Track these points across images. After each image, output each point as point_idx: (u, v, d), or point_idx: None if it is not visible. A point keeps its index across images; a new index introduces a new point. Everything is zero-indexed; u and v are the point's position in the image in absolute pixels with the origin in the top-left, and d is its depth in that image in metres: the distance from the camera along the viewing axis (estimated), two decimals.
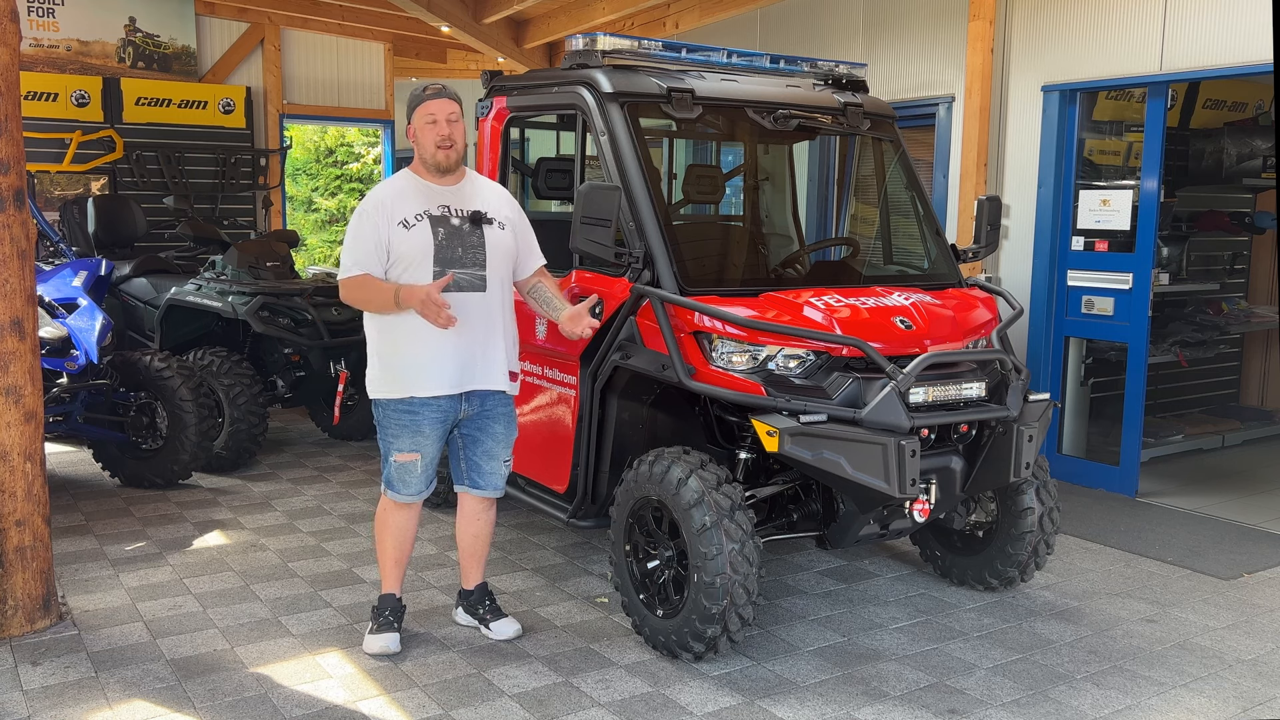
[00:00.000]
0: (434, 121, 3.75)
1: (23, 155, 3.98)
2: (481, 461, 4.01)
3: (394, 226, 3.71)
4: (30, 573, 4.08)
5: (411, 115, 3.80)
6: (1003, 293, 4.62)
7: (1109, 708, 3.66)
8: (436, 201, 3.79)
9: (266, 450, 7.10)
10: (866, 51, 7.40)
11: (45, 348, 5.52)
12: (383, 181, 3.90)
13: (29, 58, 8.55)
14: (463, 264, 3.77)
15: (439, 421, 3.86)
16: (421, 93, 3.78)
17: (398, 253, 3.72)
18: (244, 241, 7.32)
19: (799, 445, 3.65)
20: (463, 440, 4.00)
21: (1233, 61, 5.55)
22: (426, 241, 3.72)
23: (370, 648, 3.98)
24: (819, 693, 3.73)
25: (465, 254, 3.78)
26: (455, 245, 3.76)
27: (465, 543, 4.15)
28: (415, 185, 3.82)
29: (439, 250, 3.73)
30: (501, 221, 3.88)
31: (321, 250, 18.71)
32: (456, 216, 3.80)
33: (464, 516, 4.13)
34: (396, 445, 3.86)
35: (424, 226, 3.74)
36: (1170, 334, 7.34)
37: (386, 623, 4.03)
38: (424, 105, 3.76)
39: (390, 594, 4.09)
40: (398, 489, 3.93)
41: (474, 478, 4.04)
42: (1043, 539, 4.47)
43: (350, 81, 10.53)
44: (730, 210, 6.71)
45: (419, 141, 3.79)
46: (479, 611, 4.19)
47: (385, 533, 4.04)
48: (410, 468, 3.88)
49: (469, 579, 4.22)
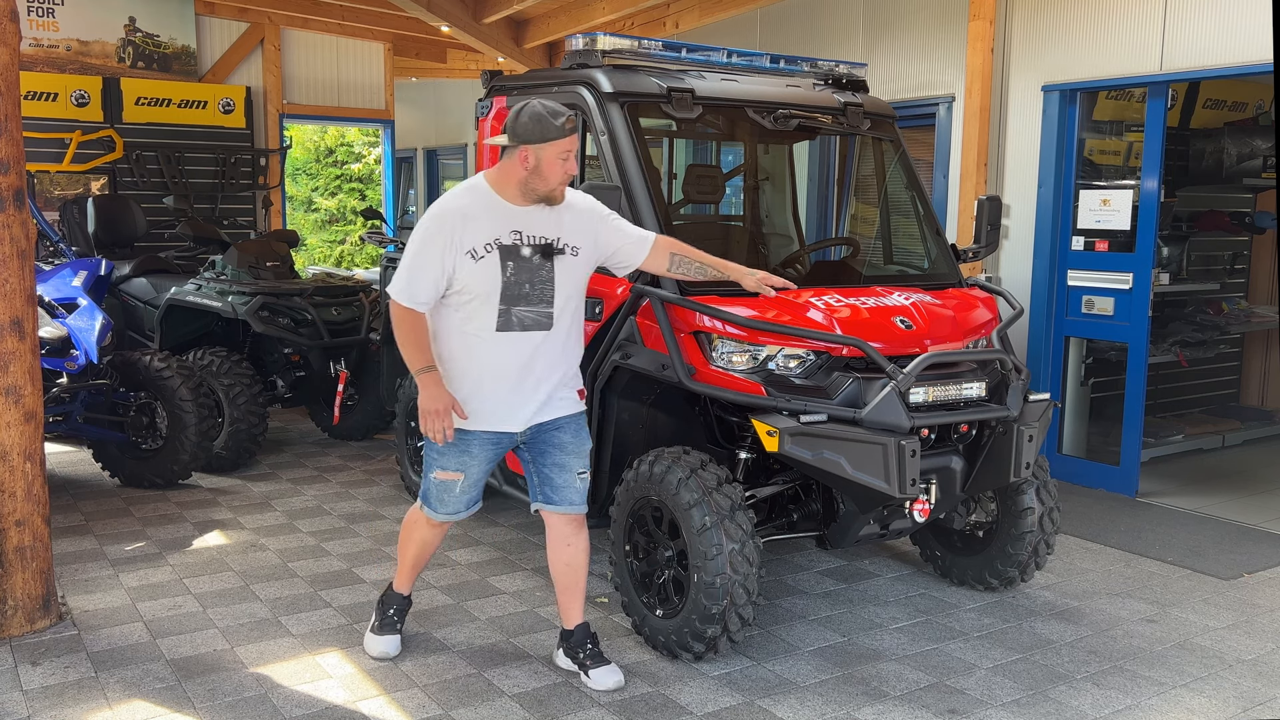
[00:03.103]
0: (567, 159, 3.42)
1: (23, 155, 3.98)
2: (553, 474, 3.67)
3: (461, 256, 3.41)
4: (30, 573, 4.08)
5: (537, 141, 3.38)
6: (1003, 293, 4.62)
7: (1109, 708, 3.66)
8: (509, 226, 3.46)
9: (266, 450, 7.10)
10: (866, 51, 7.40)
11: (45, 348, 5.52)
12: (452, 193, 3.53)
13: (29, 58, 8.55)
14: (529, 301, 3.48)
15: (491, 444, 3.62)
16: (558, 124, 3.38)
17: (462, 283, 3.44)
18: (244, 241, 7.32)
19: (799, 445, 3.65)
20: (530, 454, 3.70)
21: (1233, 61, 5.55)
22: (494, 278, 3.43)
23: (371, 649, 3.94)
24: (819, 693, 3.73)
25: (533, 290, 3.48)
26: (523, 282, 3.46)
27: (558, 572, 3.78)
28: (489, 204, 3.48)
29: (506, 288, 3.45)
30: (575, 247, 3.56)
31: (321, 250, 18.72)
32: (528, 245, 3.47)
33: (553, 542, 3.76)
34: (440, 462, 3.62)
35: (493, 260, 3.43)
36: (1170, 334, 7.34)
37: (390, 622, 3.98)
38: (562, 141, 3.39)
39: (401, 593, 4.01)
40: (434, 507, 3.71)
41: (547, 492, 3.70)
42: (1043, 539, 4.47)
43: (350, 81, 10.53)
44: (730, 210, 6.71)
45: (541, 174, 3.41)
46: (579, 656, 3.79)
47: (410, 542, 3.88)
48: (450, 487, 3.65)
49: (569, 617, 3.82)
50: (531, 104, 3.43)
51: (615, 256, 3.73)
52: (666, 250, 3.79)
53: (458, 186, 3.57)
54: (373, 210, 7.39)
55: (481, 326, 3.49)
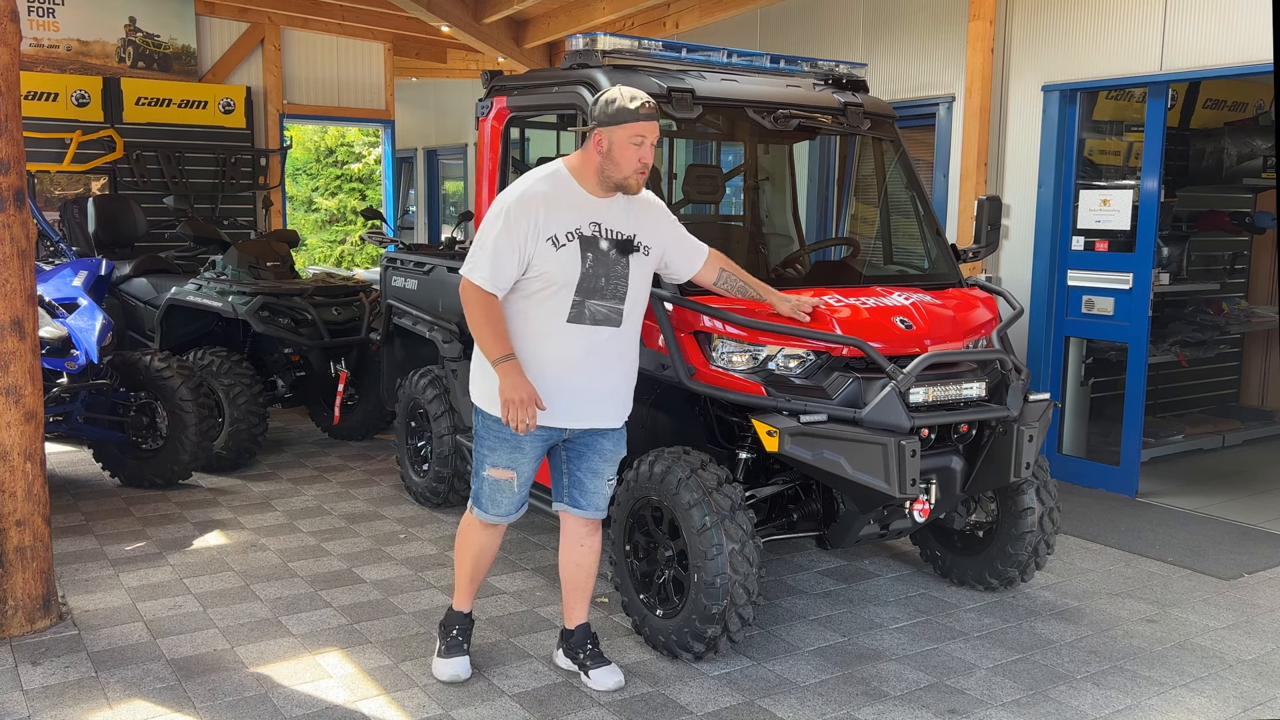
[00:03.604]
0: (641, 144, 3.35)
1: (23, 155, 3.98)
2: (585, 479, 3.64)
3: (542, 242, 3.34)
4: (30, 573, 4.08)
5: (609, 123, 3.33)
6: (1003, 293, 4.62)
7: (1109, 708, 3.66)
8: (589, 217, 3.41)
9: (266, 450, 7.10)
10: (866, 51, 7.40)
11: (45, 348, 5.52)
12: (534, 177, 3.44)
13: (29, 58, 8.55)
14: (603, 295, 3.44)
15: (542, 441, 3.57)
16: (632, 106, 3.32)
17: (540, 270, 3.36)
18: (244, 241, 7.32)
19: (799, 445, 3.65)
20: (567, 454, 3.65)
21: (1233, 61, 5.55)
22: (574, 267, 3.37)
23: (441, 673, 3.75)
24: (819, 693, 3.73)
25: (608, 285, 3.44)
26: (600, 275, 3.42)
27: (567, 572, 3.78)
28: (570, 192, 3.42)
29: (584, 279, 3.39)
30: (648, 246, 3.54)
31: (321, 250, 18.72)
32: (606, 239, 3.43)
33: (566, 542, 3.76)
34: (492, 459, 3.56)
35: (573, 249, 3.37)
36: (1170, 334, 7.35)
37: (455, 643, 3.80)
38: (636, 124, 3.31)
39: (461, 611, 3.84)
40: (486, 508, 3.63)
41: (575, 495, 3.67)
42: (1043, 539, 4.47)
43: (350, 81, 10.53)
44: (730, 210, 6.71)
45: (614, 159, 3.36)
46: (579, 656, 3.79)
47: (466, 551, 3.75)
48: (504, 486, 3.58)
49: (571, 617, 3.82)
50: (613, 89, 3.40)
51: (675, 262, 3.71)
52: (717, 265, 3.81)
53: (537, 170, 3.50)
54: (373, 210, 7.40)
55: (553, 315, 3.41)
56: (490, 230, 3.36)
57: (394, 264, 6.24)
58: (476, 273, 3.36)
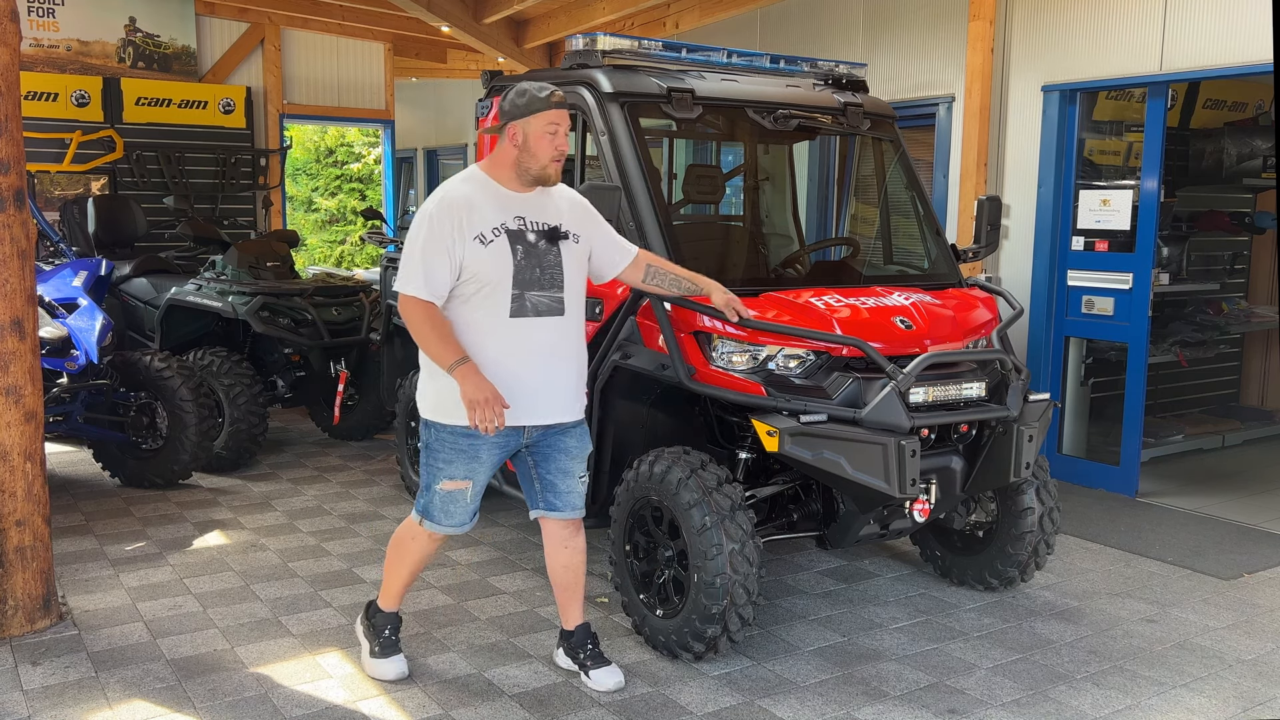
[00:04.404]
0: (555, 132, 3.39)
1: (23, 155, 3.98)
2: (556, 480, 3.63)
3: (470, 242, 3.35)
4: (30, 573, 4.08)
5: (523, 114, 3.38)
6: (1003, 293, 4.62)
7: (1109, 708, 3.66)
8: (512, 212, 3.45)
9: (266, 450, 7.10)
10: (866, 51, 7.40)
11: (45, 348, 5.52)
12: (450, 182, 3.49)
13: (29, 58, 8.55)
14: (540, 285, 3.45)
15: (499, 449, 3.53)
16: (543, 96, 3.38)
17: (472, 271, 3.37)
18: (244, 241, 7.32)
19: (799, 445, 3.65)
20: (533, 460, 3.63)
21: (1233, 61, 5.55)
22: (506, 262, 3.39)
23: (381, 673, 3.74)
24: (819, 693, 3.73)
25: (543, 274, 3.45)
26: (533, 265, 3.43)
27: (556, 575, 3.77)
28: (489, 191, 3.46)
29: (518, 272, 3.40)
30: (576, 234, 3.56)
31: (321, 250, 18.72)
32: (532, 230, 3.45)
33: (550, 546, 3.74)
34: (447, 471, 3.50)
35: (502, 243, 3.39)
36: (1170, 334, 7.35)
37: (390, 643, 3.80)
38: (548, 113, 3.38)
39: (393, 612, 3.83)
40: (439, 520, 3.57)
41: (549, 499, 3.65)
42: (1043, 539, 4.47)
43: (350, 81, 10.53)
44: (730, 210, 6.71)
45: (530, 149, 3.40)
46: (579, 656, 3.79)
47: (406, 561, 3.71)
48: (458, 497, 3.53)
49: (568, 618, 3.82)
50: (520, 84, 3.46)
51: (599, 258, 3.70)
52: (644, 263, 3.78)
53: (453, 178, 3.53)
54: (373, 210, 7.39)
55: (494, 314, 3.42)
56: (416, 240, 3.37)
57: (394, 264, 6.24)
58: (411, 285, 3.36)
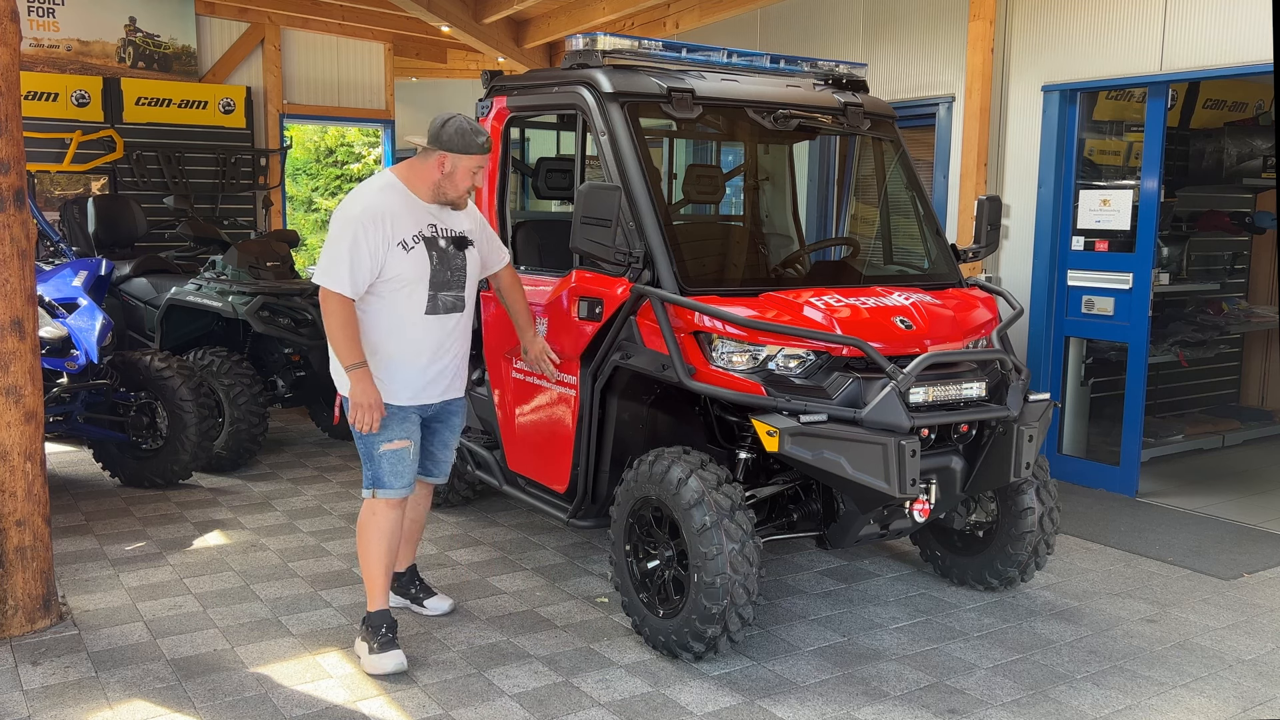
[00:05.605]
0: (477, 172, 3.84)
1: (23, 155, 3.98)
2: (438, 452, 4.18)
3: (393, 247, 3.74)
4: (30, 573, 4.08)
5: (458, 151, 3.76)
6: (1003, 293, 4.62)
7: (1109, 708, 3.66)
8: (426, 221, 3.86)
9: (266, 450, 7.10)
10: (866, 51, 7.40)
11: (45, 348, 5.52)
12: (369, 189, 3.81)
13: (29, 58, 8.55)
14: (449, 286, 3.91)
15: (419, 414, 3.99)
16: (479, 141, 3.79)
17: (393, 273, 3.76)
18: (244, 241, 7.32)
19: (799, 445, 3.65)
20: (425, 431, 4.11)
21: (1233, 61, 5.55)
22: (424, 266, 3.81)
23: (382, 668, 3.79)
24: (819, 693, 3.73)
25: (452, 277, 3.92)
26: (445, 269, 3.89)
27: (406, 528, 4.28)
28: (407, 201, 3.83)
29: (434, 274, 3.85)
30: (474, 240, 4.04)
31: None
32: (444, 238, 3.90)
33: (411, 504, 4.26)
34: (387, 435, 3.86)
35: (421, 250, 3.81)
36: (1170, 334, 7.34)
37: (387, 640, 3.85)
38: (480, 156, 3.81)
39: (383, 609, 3.91)
40: (389, 483, 3.89)
41: (429, 467, 4.19)
42: (1043, 539, 4.47)
43: (350, 81, 10.53)
44: (730, 210, 6.71)
45: (454, 181, 3.82)
46: (411, 591, 4.39)
47: (374, 540, 3.90)
48: (403, 454, 3.89)
49: (402, 561, 4.38)
50: (457, 118, 3.81)
51: (487, 258, 4.19)
52: (506, 276, 4.31)
53: (371, 183, 3.86)
54: None
55: (413, 309, 3.83)
56: (342, 241, 3.69)
57: None
58: (336, 282, 3.69)
